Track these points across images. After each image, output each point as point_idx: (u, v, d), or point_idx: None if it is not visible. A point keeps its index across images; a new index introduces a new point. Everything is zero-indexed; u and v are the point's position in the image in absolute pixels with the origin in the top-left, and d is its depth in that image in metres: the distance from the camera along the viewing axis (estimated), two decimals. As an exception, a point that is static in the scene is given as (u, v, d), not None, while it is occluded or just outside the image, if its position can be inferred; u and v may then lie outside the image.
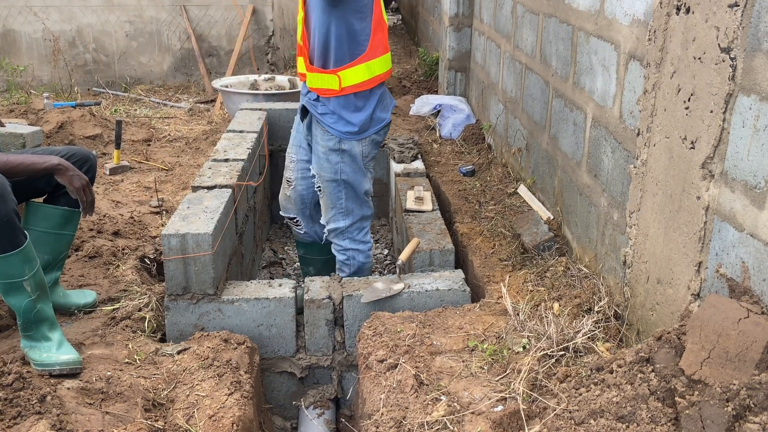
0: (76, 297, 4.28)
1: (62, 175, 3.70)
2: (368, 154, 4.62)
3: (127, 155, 7.33)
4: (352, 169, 4.61)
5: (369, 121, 4.53)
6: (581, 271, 4.24)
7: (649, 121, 3.38)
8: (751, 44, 2.59)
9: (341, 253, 4.88)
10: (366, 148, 4.59)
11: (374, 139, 4.60)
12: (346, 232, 4.82)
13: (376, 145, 4.65)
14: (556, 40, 5.02)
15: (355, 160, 4.59)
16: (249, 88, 9.04)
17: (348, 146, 4.55)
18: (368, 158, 4.65)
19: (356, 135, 4.52)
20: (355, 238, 4.84)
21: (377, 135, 4.60)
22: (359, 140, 4.55)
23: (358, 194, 4.71)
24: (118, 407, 3.36)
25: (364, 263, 4.88)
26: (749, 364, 2.35)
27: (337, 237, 4.84)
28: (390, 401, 3.33)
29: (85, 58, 11.06)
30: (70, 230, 4.13)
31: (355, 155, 4.57)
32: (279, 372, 4.51)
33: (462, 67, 8.56)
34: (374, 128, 4.56)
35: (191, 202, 4.61)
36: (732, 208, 2.73)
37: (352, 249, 4.86)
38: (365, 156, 4.61)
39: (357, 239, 4.85)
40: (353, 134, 4.53)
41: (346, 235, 4.83)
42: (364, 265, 4.89)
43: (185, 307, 4.26)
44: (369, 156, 4.64)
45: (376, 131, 4.57)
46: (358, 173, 4.64)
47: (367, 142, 4.58)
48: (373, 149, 4.64)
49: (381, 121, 4.58)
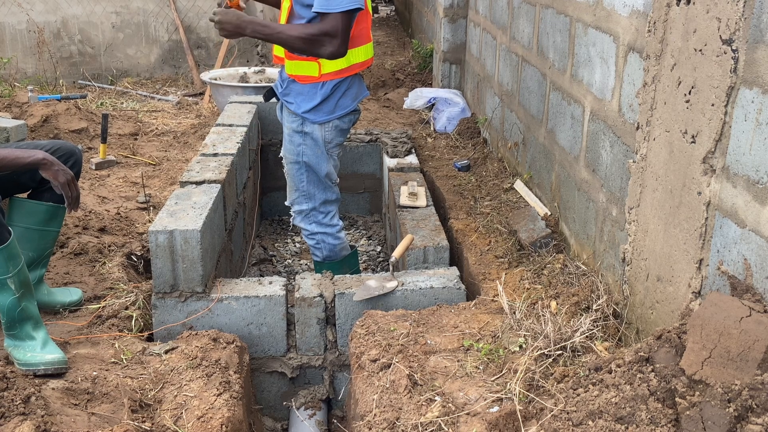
0: (61, 295, 4.26)
1: (47, 169, 3.69)
2: (331, 140, 4.67)
3: (113, 150, 7.31)
4: (314, 152, 4.67)
5: (334, 106, 4.59)
6: (579, 269, 4.24)
7: (649, 114, 3.37)
8: (753, 36, 2.59)
9: (310, 238, 4.94)
10: (329, 133, 4.64)
11: (337, 125, 4.65)
12: (311, 215, 4.86)
13: (341, 133, 4.70)
14: (554, 32, 5.01)
15: (317, 144, 4.65)
16: (239, 80, 9.01)
17: (310, 129, 4.61)
18: (332, 144, 4.69)
19: (318, 116, 4.58)
20: (321, 221, 4.87)
21: (340, 121, 4.65)
22: (321, 124, 4.60)
23: (320, 178, 4.75)
24: (104, 408, 3.35)
25: (335, 244, 4.91)
26: (751, 364, 2.34)
27: (303, 221, 4.90)
28: (383, 402, 3.32)
29: (70, 50, 11.02)
30: (55, 226, 4.12)
31: (316, 139, 4.63)
32: (269, 372, 4.51)
33: (457, 60, 8.55)
34: (337, 114, 4.60)
35: (179, 197, 4.60)
36: (734, 204, 2.73)
37: (320, 233, 4.88)
38: (328, 142, 4.66)
39: (323, 223, 4.88)
40: (314, 114, 4.58)
41: (311, 218, 4.87)
42: (335, 246, 4.92)
43: (173, 306, 4.25)
44: (333, 142, 4.68)
45: (338, 117, 4.61)
46: (320, 157, 4.69)
47: (330, 128, 4.62)
48: (337, 136, 4.68)
49: (345, 107, 4.63)
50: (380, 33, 13.94)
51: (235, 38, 4.42)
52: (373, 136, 6.99)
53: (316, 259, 4.99)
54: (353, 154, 6.99)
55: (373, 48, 4.74)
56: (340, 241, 4.95)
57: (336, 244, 4.92)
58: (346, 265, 4.98)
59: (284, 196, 5.21)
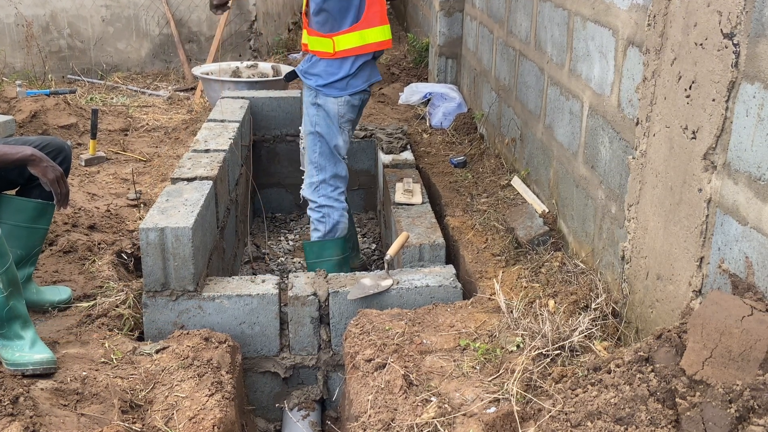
0: (50, 294, 4.25)
1: (35, 166, 3.68)
2: (344, 114, 5.09)
3: (103, 145, 7.29)
4: (326, 123, 5.10)
5: (346, 84, 5.04)
6: (578, 267, 4.24)
7: (649, 109, 3.37)
8: (755, 29, 2.59)
9: (316, 211, 5.24)
10: (341, 108, 5.07)
11: (349, 101, 5.08)
12: (320, 188, 5.20)
13: (352, 109, 5.13)
14: (552, 26, 5.01)
15: (330, 116, 5.08)
16: (231, 75, 9.00)
17: (323, 101, 5.07)
18: (344, 119, 5.11)
19: (332, 91, 5.04)
20: (329, 195, 5.21)
21: (352, 98, 5.08)
22: (335, 98, 5.05)
23: (330, 149, 5.15)
24: (93, 408, 3.35)
25: (339, 221, 5.22)
26: (753, 364, 2.34)
27: (313, 194, 5.22)
28: (378, 402, 3.32)
29: (59, 44, 11.00)
30: (43, 224, 4.11)
31: (329, 111, 5.07)
32: (262, 372, 4.50)
33: (453, 54, 8.54)
34: (349, 90, 5.05)
35: (170, 194, 4.59)
36: (735, 201, 2.73)
37: (326, 206, 5.20)
38: (341, 116, 5.09)
39: (331, 196, 5.21)
40: (328, 89, 5.04)
41: (320, 191, 5.20)
42: (338, 224, 5.23)
43: (164, 305, 4.24)
44: (345, 117, 5.11)
45: (350, 93, 5.06)
46: (332, 128, 5.11)
47: (342, 102, 5.06)
48: (348, 111, 5.11)
49: (355, 87, 5.07)
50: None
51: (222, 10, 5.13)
52: (367, 132, 6.98)
53: (316, 235, 5.26)
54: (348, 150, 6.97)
55: (390, 32, 5.14)
56: (344, 221, 5.25)
57: (339, 221, 5.22)
58: (338, 247, 5.25)
59: (277, 194, 5.45)
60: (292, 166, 6.68)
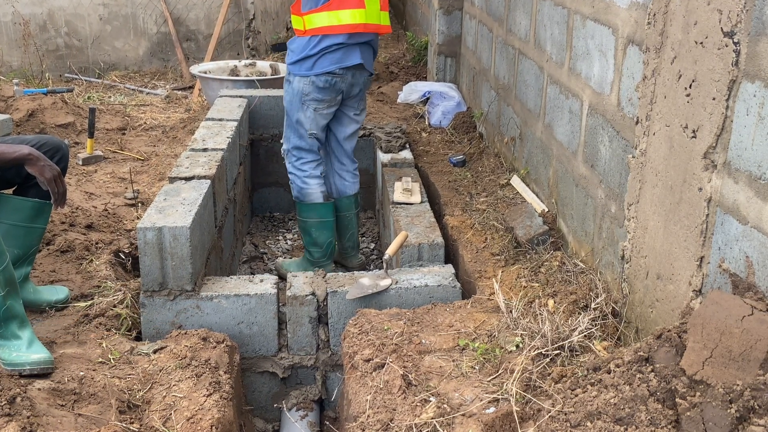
0: (47, 293, 4.25)
1: (33, 165, 3.68)
2: (308, 93, 5.30)
3: (100, 144, 7.29)
4: (291, 98, 5.40)
5: (312, 63, 5.22)
6: (577, 266, 4.24)
7: (649, 108, 3.37)
8: (755, 28, 2.58)
9: (289, 174, 5.66)
10: (306, 87, 5.28)
11: (314, 82, 5.25)
12: (288, 155, 5.59)
13: (318, 90, 5.28)
14: (551, 24, 5.01)
15: (295, 93, 5.35)
16: (229, 74, 9.00)
17: (292, 78, 5.36)
18: (308, 97, 5.31)
19: (298, 70, 5.28)
20: (293, 164, 5.57)
21: (316, 78, 5.23)
22: (301, 77, 5.27)
23: (292, 123, 5.47)
24: (91, 409, 3.34)
25: (302, 187, 5.57)
26: (753, 364, 2.34)
27: (285, 158, 5.64)
28: (377, 403, 3.32)
29: (56, 43, 10.99)
30: (41, 223, 4.10)
31: (294, 87, 5.34)
32: (260, 372, 4.50)
33: (452, 52, 8.54)
34: (315, 71, 5.22)
35: (168, 193, 4.59)
36: (735, 200, 2.73)
37: (291, 173, 5.61)
38: (304, 94, 5.30)
39: (295, 165, 5.56)
40: (294, 66, 5.30)
41: (288, 158, 5.60)
42: (302, 189, 5.57)
43: (162, 304, 4.24)
44: (309, 96, 5.30)
45: (316, 74, 5.22)
46: (295, 104, 5.38)
47: (307, 82, 5.26)
48: (314, 91, 5.28)
49: (322, 67, 5.22)
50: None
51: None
52: (366, 131, 6.98)
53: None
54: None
55: (366, 16, 5.21)
56: (307, 186, 5.55)
57: (303, 188, 5.55)
58: (314, 210, 5.59)
59: (275, 193, 5.65)
60: (290, 165, 6.68)
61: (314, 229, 5.57)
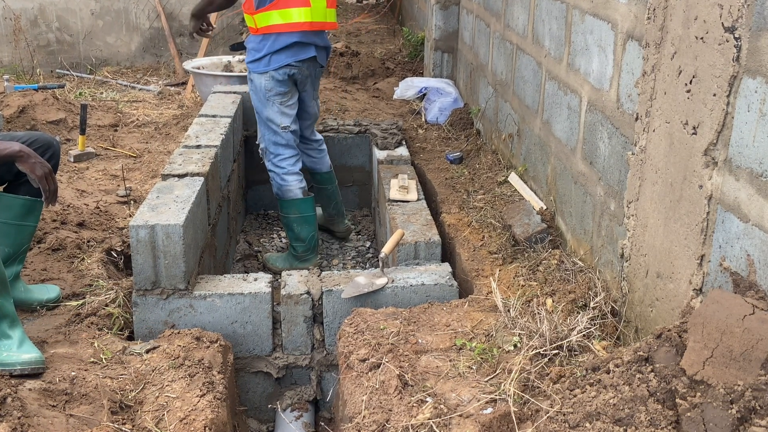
0: (38, 292, 4.24)
1: (23, 162, 3.67)
2: (271, 88, 5.51)
3: (92, 141, 7.27)
4: (257, 97, 5.60)
5: (269, 60, 5.45)
6: (576, 265, 4.24)
7: (648, 105, 3.37)
8: (756, 23, 2.58)
9: (268, 172, 5.81)
10: (267, 83, 5.49)
11: (273, 76, 5.47)
12: (266, 154, 5.75)
13: (279, 83, 5.50)
14: (549, 19, 5.00)
15: (258, 91, 5.56)
16: (222, 69, 8.99)
17: (253, 77, 5.58)
18: (271, 92, 5.52)
19: (257, 67, 5.49)
20: (272, 161, 5.72)
21: (276, 72, 5.45)
22: (260, 74, 5.49)
23: (263, 121, 5.64)
24: (82, 409, 3.34)
25: (281, 184, 5.71)
26: (755, 364, 2.34)
27: (264, 156, 5.80)
28: (372, 403, 3.32)
29: (48, 38, 10.98)
30: (31, 221, 4.09)
31: (257, 85, 5.55)
32: (254, 372, 4.50)
33: (449, 48, 8.53)
34: (272, 66, 5.44)
35: (161, 191, 4.58)
36: (736, 198, 2.73)
37: (271, 170, 5.76)
38: (267, 89, 5.51)
39: (274, 162, 5.72)
40: (253, 64, 5.52)
41: (267, 157, 5.76)
42: (282, 186, 5.72)
43: (154, 303, 4.23)
44: (272, 91, 5.52)
45: (274, 69, 5.44)
46: (261, 102, 5.58)
47: (267, 77, 5.48)
48: (276, 85, 5.50)
49: (279, 62, 5.44)
50: (369, 20, 13.91)
51: None
52: (362, 128, 6.98)
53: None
54: (341, 146, 6.98)
55: (312, 14, 5.45)
56: (286, 183, 5.69)
57: (282, 185, 5.70)
58: (294, 206, 5.72)
59: (270, 190, 5.63)
60: (285, 162, 6.67)
61: (296, 224, 5.73)
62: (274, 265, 5.91)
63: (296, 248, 5.81)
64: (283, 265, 5.80)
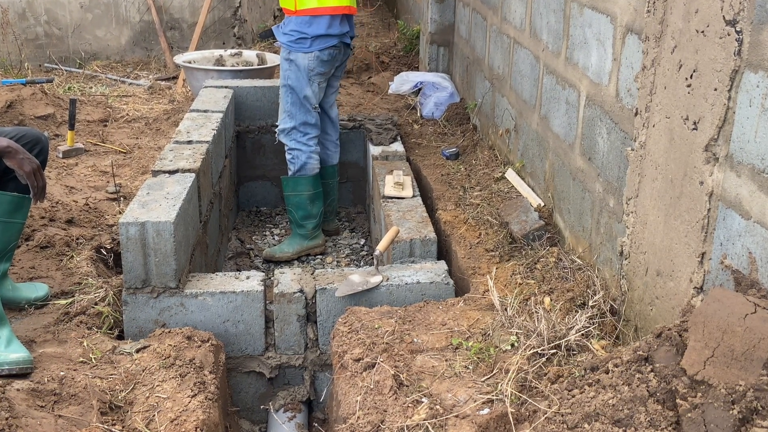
0: (26, 290, 4.23)
1: (11, 158, 3.67)
2: (313, 68, 5.79)
3: (81, 137, 7.26)
4: (297, 76, 5.82)
5: (314, 39, 5.71)
6: (574, 263, 4.23)
7: (648, 99, 3.36)
8: (758, 16, 2.58)
9: (288, 153, 6.04)
10: (311, 62, 5.76)
11: (318, 56, 5.76)
12: (291, 133, 5.95)
13: (322, 63, 5.81)
14: (547, 12, 5.00)
15: (300, 70, 5.80)
16: (214, 63, 8.97)
17: (294, 57, 5.79)
18: (313, 72, 5.81)
19: (301, 47, 5.74)
20: (299, 140, 5.94)
21: (321, 53, 5.75)
22: (305, 53, 5.74)
23: (300, 99, 5.87)
24: (72, 410, 3.33)
25: (306, 162, 5.97)
26: (756, 364, 2.34)
27: (286, 138, 5.99)
28: (367, 404, 3.31)
29: (36, 32, 10.95)
30: (19, 218, 4.09)
31: (300, 65, 5.78)
32: (246, 372, 4.49)
33: (445, 42, 8.53)
34: (317, 47, 5.72)
35: (151, 187, 4.57)
36: (738, 194, 2.72)
37: (296, 149, 5.96)
38: (310, 69, 5.79)
39: (300, 141, 5.95)
40: (298, 45, 5.74)
41: (291, 136, 5.96)
42: (306, 164, 5.98)
43: (145, 302, 4.22)
44: (315, 70, 5.80)
45: (319, 49, 5.73)
46: (302, 81, 5.83)
47: (312, 57, 5.75)
48: (318, 65, 5.79)
49: (325, 41, 5.74)
50: (364, 13, 13.91)
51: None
52: (356, 123, 6.97)
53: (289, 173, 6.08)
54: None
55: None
56: (311, 161, 6.00)
57: (306, 162, 5.97)
58: (309, 184, 6.03)
59: (261, 187, 5.89)
60: (277, 158, 6.67)
61: (309, 201, 6.05)
62: (282, 253, 6.20)
63: (305, 226, 6.15)
64: (292, 248, 6.19)
